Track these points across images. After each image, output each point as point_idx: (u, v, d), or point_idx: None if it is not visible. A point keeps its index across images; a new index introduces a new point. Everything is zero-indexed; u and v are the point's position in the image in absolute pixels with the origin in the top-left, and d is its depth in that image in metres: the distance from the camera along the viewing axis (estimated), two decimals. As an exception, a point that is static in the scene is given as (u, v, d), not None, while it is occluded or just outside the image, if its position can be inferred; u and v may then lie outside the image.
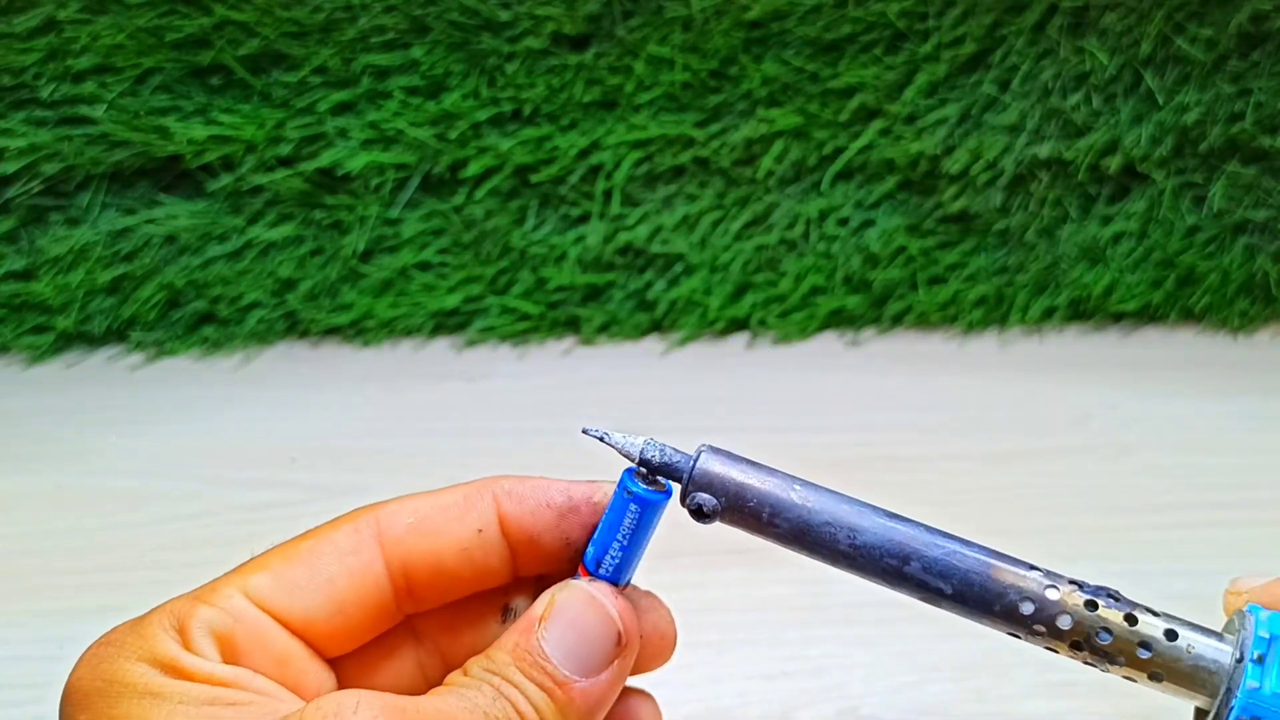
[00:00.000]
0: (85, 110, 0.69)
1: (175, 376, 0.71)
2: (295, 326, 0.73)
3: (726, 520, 0.26)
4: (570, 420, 0.66)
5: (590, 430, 0.27)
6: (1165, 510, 0.56)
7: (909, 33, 0.70)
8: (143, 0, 0.67)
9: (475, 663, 0.26)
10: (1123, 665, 0.24)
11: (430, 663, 0.30)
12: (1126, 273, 0.73)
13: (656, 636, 0.29)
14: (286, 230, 0.72)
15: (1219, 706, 0.23)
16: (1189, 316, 0.74)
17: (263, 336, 0.73)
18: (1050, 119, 0.71)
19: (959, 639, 0.47)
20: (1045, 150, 0.71)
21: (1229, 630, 0.25)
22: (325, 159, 0.70)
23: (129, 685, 0.24)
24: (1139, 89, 0.70)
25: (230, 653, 0.26)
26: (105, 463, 0.62)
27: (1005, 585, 0.24)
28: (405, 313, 0.73)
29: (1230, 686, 0.23)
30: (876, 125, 0.71)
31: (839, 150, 0.72)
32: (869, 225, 0.73)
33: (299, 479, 0.60)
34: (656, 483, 0.27)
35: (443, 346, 0.74)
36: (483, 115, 0.70)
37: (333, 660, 0.28)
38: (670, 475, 0.27)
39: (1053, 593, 0.24)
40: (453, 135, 0.70)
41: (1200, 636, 0.23)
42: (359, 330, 0.74)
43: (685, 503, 0.27)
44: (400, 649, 0.30)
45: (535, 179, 0.72)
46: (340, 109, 0.70)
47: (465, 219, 0.72)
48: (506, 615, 0.30)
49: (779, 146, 0.71)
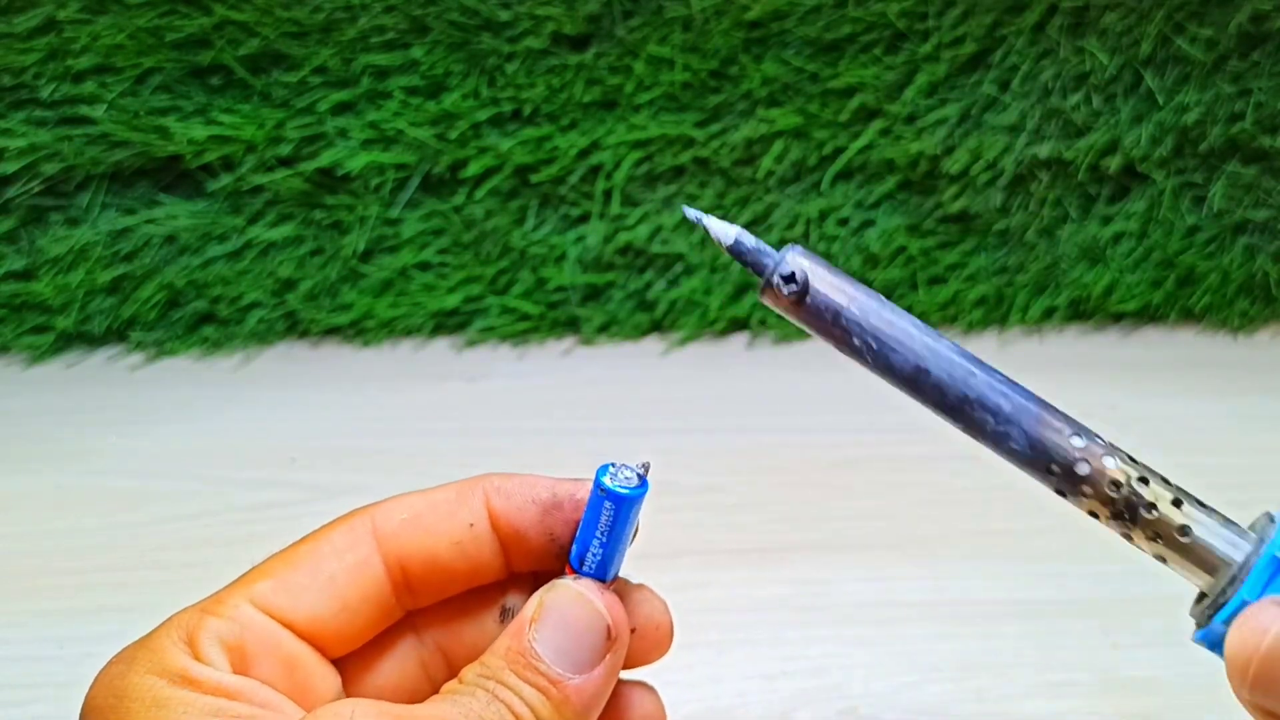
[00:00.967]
0: (85, 110, 0.69)
1: (175, 376, 0.71)
2: (295, 326, 0.73)
3: (807, 308, 0.26)
4: (570, 420, 0.67)
5: (688, 211, 0.27)
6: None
7: (909, 33, 0.70)
8: (143, 0, 0.67)
9: (470, 670, 0.26)
10: (1159, 544, 0.25)
11: (433, 661, 0.30)
12: (1126, 273, 0.73)
13: (651, 627, 0.29)
14: (286, 230, 0.72)
15: (1225, 586, 0.25)
16: (1189, 316, 0.74)
17: (263, 336, 0.73)
18: (1050, 119, 0.71)
19: (959, 639, 0.47)
20: (1045, 150, 0.71)
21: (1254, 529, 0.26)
22: (325, 159, 0.70)
23: (139, 698, 0.25)
24: (1139, 89, 0.70)
25: (240, 661, 0.26)
26: (105, 463, 0.62)
27: (1061, 444, 0.25)
28: (405, 313, 0.73)
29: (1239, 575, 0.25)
30: (876, 125, 0.71)
31: (839, 150, 0.72)
32: (869, 225, 0.73)
33: (299, 479, 0.60)
34: (630, 479, 0.27)
35: (443, 346, 0.74)
36: (483, 115, 0.70)
37: (338, 661, 0.29)
38: (756, 268, 0.26)
39: (1110, 461, 0.25)
40: (453, 135, 0.70)
41: (1227, 530, 0.25)
42: (359, 330, 0.74)
43: (772, 280, 0.26)
44: (403, 649, 0.30)
45: (535, 179, 0.72)
46: (340, 109, 0.70)
47: (465, 219, 0.72)
48: (504, 615, 0.30)
49: (779, 146, 0.71)
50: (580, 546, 0.28)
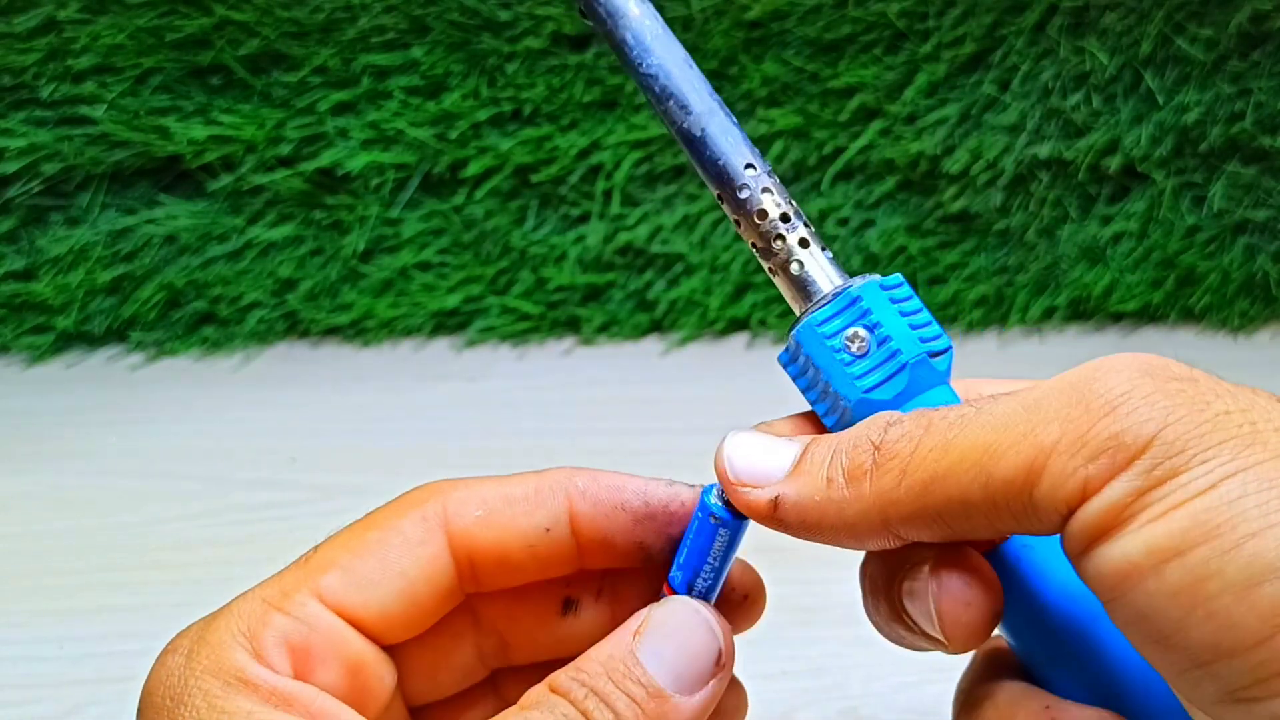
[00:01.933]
0: (85, 110, 0.69)
1: (175, 376, 0.71)
2: (295, 326, 0.73)
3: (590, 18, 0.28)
4: (570, 421, 0.67)
5: None
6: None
7: (909, 33, 0.70)
8: (143, 0, 0.67)
9: (561, 674, 0.25)
10: (777, 276, 0.28)
11: (487, 645, 0.30)
12: (1126, 273, 0.73)
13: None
14: (286, 230, 0.72)
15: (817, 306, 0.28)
16: (1189, 316, 0.74)
17: (263, 336, 0.73)
18: (1050, 119, 0.71)
19: (959, 639, 0.47)
20: (1045, 150, 0.71)
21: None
22: (325, 159, 0.70)
23: (194, 707, 0.24)
24: (1139, 89, 0.70)
25: (302, 663, 0.26)
26: (105, 463, 0.62)
27: (742, 172, 0.27)
28: (405, 313, 0.73)
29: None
30: (876, 125, 0.71)
31: (839, 150, 0.72)
32: (869, 225, 0.73)
33: (299, 479, 0.60)
34: (730, 505, 0.27)
35: (443, 346, 0.74)
36: (483, 115, 0.70)
37: (393, 647, 0.28)
38: None
39: (768, 196, 0.27)
40: (453, 135, 0.70)
41: (834, 270, 0.28)
42: (359, 330, 0.74)
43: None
44: (460, 633, 0.30)
45: (535, 179, 0.72)
46: (340, 109, 0.70)
47: (465, 219, 0.72)
48: (567, 607, 0.30)
49: (779, 146, 0.71)
50: (687, 572, 0.27)
